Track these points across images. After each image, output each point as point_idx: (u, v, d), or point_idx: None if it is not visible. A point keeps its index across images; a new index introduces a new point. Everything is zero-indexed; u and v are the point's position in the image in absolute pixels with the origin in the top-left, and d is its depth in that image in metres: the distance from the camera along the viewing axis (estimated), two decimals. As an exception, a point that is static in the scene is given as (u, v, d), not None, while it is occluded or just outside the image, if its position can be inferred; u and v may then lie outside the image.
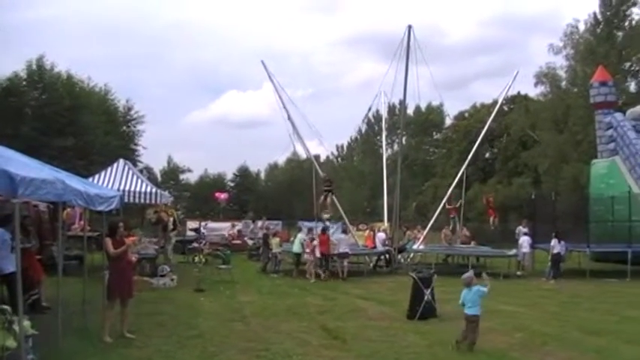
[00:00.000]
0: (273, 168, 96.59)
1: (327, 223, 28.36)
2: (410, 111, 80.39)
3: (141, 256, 21.55)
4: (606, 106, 33.87)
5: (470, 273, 12.58)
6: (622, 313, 16.49)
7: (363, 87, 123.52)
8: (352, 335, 13.17)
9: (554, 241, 24.98)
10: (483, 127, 34.92)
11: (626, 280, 23.56)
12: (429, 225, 31.85)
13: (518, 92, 67.70)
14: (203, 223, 37.03)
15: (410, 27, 29.52)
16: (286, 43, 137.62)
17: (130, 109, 57.20)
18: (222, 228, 40.74)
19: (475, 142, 34.58)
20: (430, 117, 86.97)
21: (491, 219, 33.18)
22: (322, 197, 28.30)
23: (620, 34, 52.15)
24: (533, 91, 62.98)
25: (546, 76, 57.88)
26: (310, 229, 27.27)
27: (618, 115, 33.25)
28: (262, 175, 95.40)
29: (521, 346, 12.42)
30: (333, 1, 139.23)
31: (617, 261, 26.53)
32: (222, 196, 49.60)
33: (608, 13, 52.62)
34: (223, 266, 24.39)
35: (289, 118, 29.59)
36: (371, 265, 29.36)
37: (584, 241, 26.01)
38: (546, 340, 12.91)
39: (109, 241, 12.18)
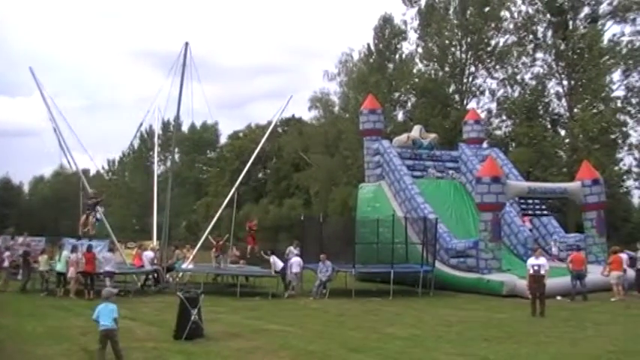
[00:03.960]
0: (38, 181, 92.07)
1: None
2: (184, 128, 79.81)
3: None
4: (374, 133, 35.17)
5: (112, 289, 13.05)
6: (383, 330, 16.97)
7: (140, 101, 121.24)
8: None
9: (272, 257, 26.89)
10: (257, 148, 35.08)
11: (389, 299, 24.36)
12: (199, 244, 31.43)
13: (293, 115, 69.35)
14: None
15: (187, 44, 28.99)
16: (63, 50, 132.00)
17: None
18: (-25, 244, 37.79)
19: (248, 162, 34.67)
20: (204, 135, 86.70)
21: (249, 247, 32.44)
22: (84, 216, 27.52)
23: (391, 65, 54.82)
24: (308, 115, 64.68)
25: (320, 101, 59.71)
26: (75, 247, 25.93)
27: (385, 143, 34.65)
28: (26, 188, 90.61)
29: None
30: (115, 11, 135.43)
31: (382, 281, 27.46)
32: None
33: (381, 45, 55.19)
34: (-24, 286, 22.59)
35: (56, 129, 28.15)
36: (139, 284, 28.42)
37: (350, 262, 26.66)
38: (311, 358, 13.00)
39: None
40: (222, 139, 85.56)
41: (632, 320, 18.73)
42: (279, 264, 26.70)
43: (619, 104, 44.94)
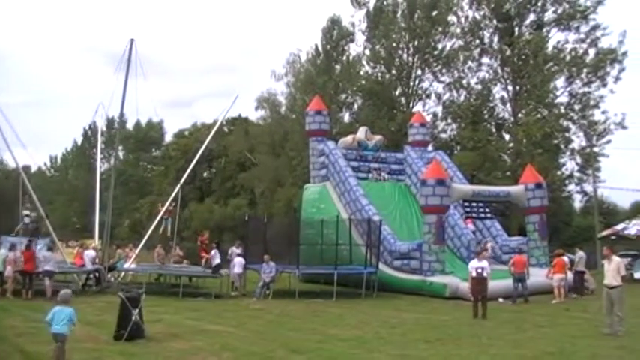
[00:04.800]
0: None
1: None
2: (130, 126, 78.87)
3: None
4: (320, 134, 35.11)
5: (69, 291, 12.33)
6: (325, 331, 16.89)
7: (85, 97, 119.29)
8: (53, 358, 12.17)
9: (214, 251, 26.73)
10: (202, 147, 34.76)
11: (332, 300, 24.27)
12: (142, 243, 30.98)
13: (239, 115, 69.01)
14: None
15: (132, 40, 28.50)
16: (7, 45, 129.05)
17: None
18: None
19: (193, 161, 34.37)
20: (150, 133, 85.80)
21: (204, 260, 32.39)
22: None
23: (338, 67, 54.96)
24: (254, 115, 64.51)
25: (266, 101, 59.62)
26: (13, 245, 25.27)
27: (331, 144, 34.61)
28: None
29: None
30: (62, 5, 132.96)
31: (325, 282, 27.39)
32: None
33: (329, 47, 55.30)
34: None
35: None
36: (80, 283, 27.86)
37: (294, 263, 26.54)
38: (252, 359, 12.94)
39: None
40: (168, 138, 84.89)
41: (572, 322, 18.93)
42: (217, 260, 26.40)
43: (562, 110, 45.76)
